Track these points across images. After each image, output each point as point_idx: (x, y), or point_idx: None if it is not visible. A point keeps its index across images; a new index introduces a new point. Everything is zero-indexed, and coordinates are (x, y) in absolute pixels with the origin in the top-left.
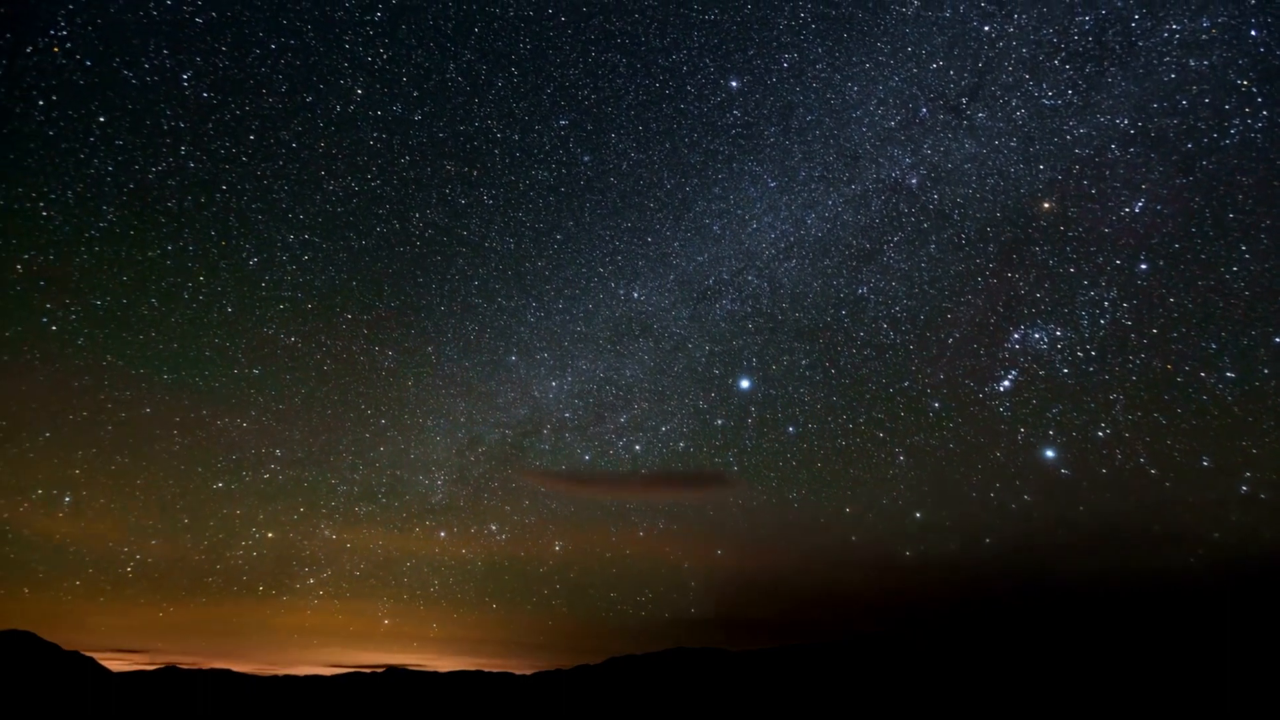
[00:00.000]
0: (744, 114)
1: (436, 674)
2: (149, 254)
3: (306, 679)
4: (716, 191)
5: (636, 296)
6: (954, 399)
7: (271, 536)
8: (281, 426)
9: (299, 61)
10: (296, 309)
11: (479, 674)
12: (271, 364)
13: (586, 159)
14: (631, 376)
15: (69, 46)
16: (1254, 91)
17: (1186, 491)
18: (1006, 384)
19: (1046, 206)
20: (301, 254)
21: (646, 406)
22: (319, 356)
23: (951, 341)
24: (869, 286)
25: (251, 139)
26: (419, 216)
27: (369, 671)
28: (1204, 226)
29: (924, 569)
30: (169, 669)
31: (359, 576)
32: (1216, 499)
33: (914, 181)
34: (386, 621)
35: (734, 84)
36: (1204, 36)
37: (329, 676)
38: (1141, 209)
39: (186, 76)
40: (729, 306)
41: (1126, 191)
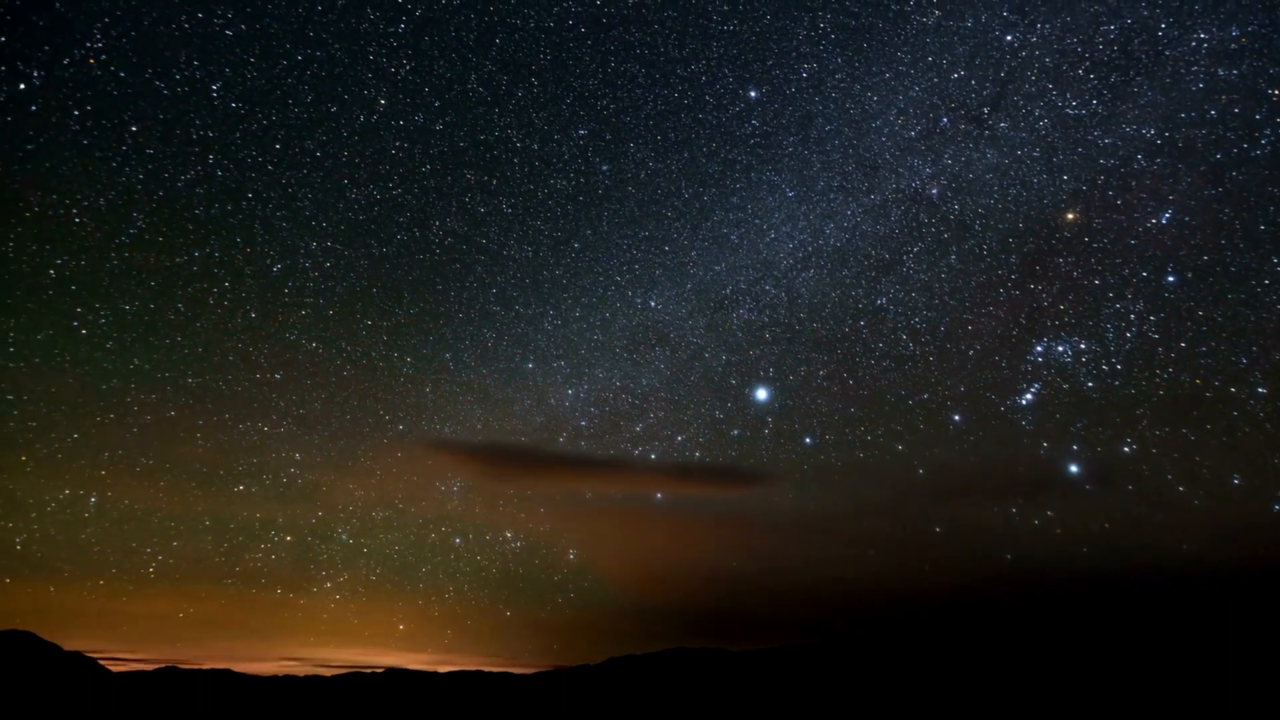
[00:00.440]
0: (762, 124)
1: (436, 674)
2: (176, 260)
3: (306, 679)
4: (734, 201)
5: (653, 305)
6: (975, 412)
7: (290, 540)
8: (301, 431)
9: (324, 73)
10: (318, 315)
11: (479, 674)
12: (293, 369)
13: (605, 168)
14: (648, 385)
15: (104, 58)
16: None
17: (1216, 510)
18: (1029, 397)
19: (1070, 217)
20: (324, 261)
21: (662, 415)
22: (339, 362)
23: (972, 354)
24: (888, 297)
25: (277, 148)
26: (439, 225)
27: (369, 671)
28: (1234, 238)
29: (943, 585)
30: (169, 669)
31: (375, 581)
32: (1248, 519)
33: (934, 192)
34: (401, 627)
35: (753, 94)
36: (1233, 46)
37: (329, 677)
38: (1169, 220)
39: (216, 87)
40: (746, 316)
41: (1153, 203)
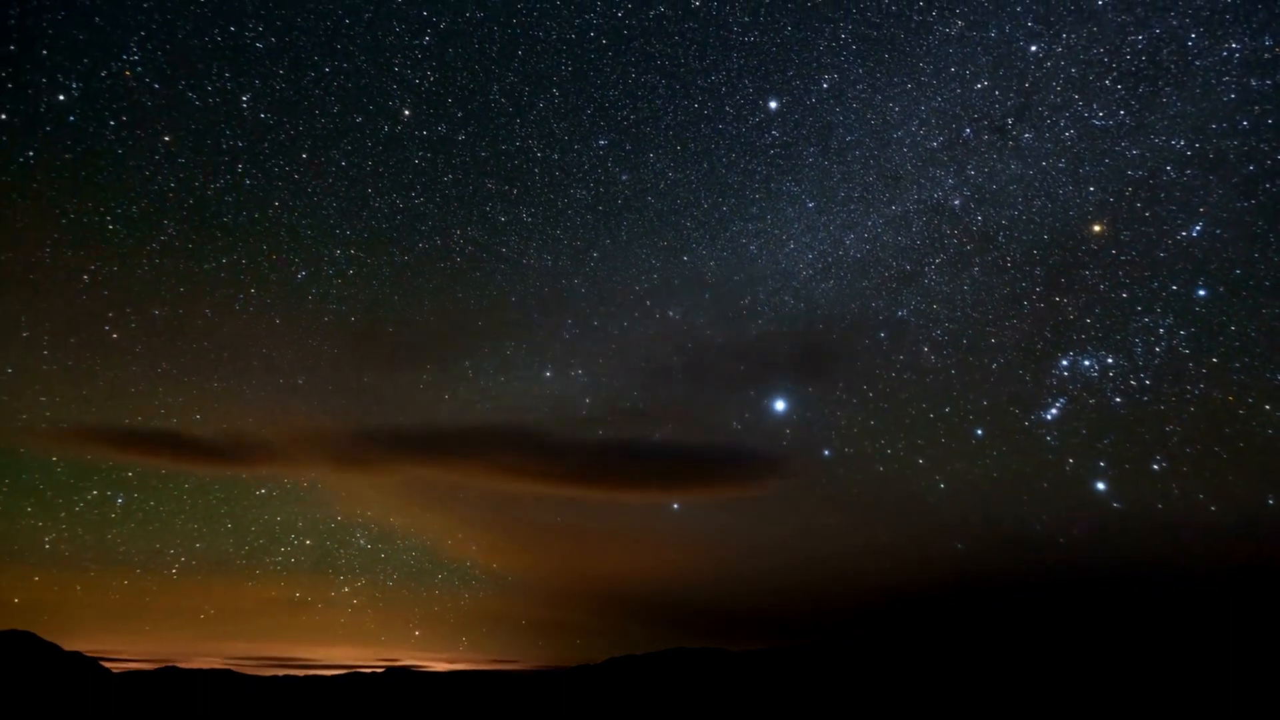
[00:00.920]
0: (782, 134)
1: (436, 674)
2: (205, 266)
3: (306, 679)
4: (754, 211)
5: (672, 315)
6: (998, 426)
7: (310, 544)
8: (322, 435)
9: (350, 84)
10: (340, 321)
11: (479, 674)
12: (315, 375)
13: (625, 178)
14: (665, 396)
15: (139, 70)
16: None
17: (1250, 531)
18: (1054, 412)
19: (1097, 229)
20: (347, 268)
21: (679, 425)
22: (359, 369)
23: (996, 367)
24: (909, 309)
25: (304, 157)
26: (459, 233)
27: (369, 671)
28: (1268, 251)
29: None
30: (169, 669)
31: (392, 586)
32: None
33: (957, 203)
34: (417, 633)
35: (773, 104)
36: (1266, 55)
37: (329, 677)
38: (1200, 233)
39: (246, 98)
40: (764, 327)
41: (1183, 215)
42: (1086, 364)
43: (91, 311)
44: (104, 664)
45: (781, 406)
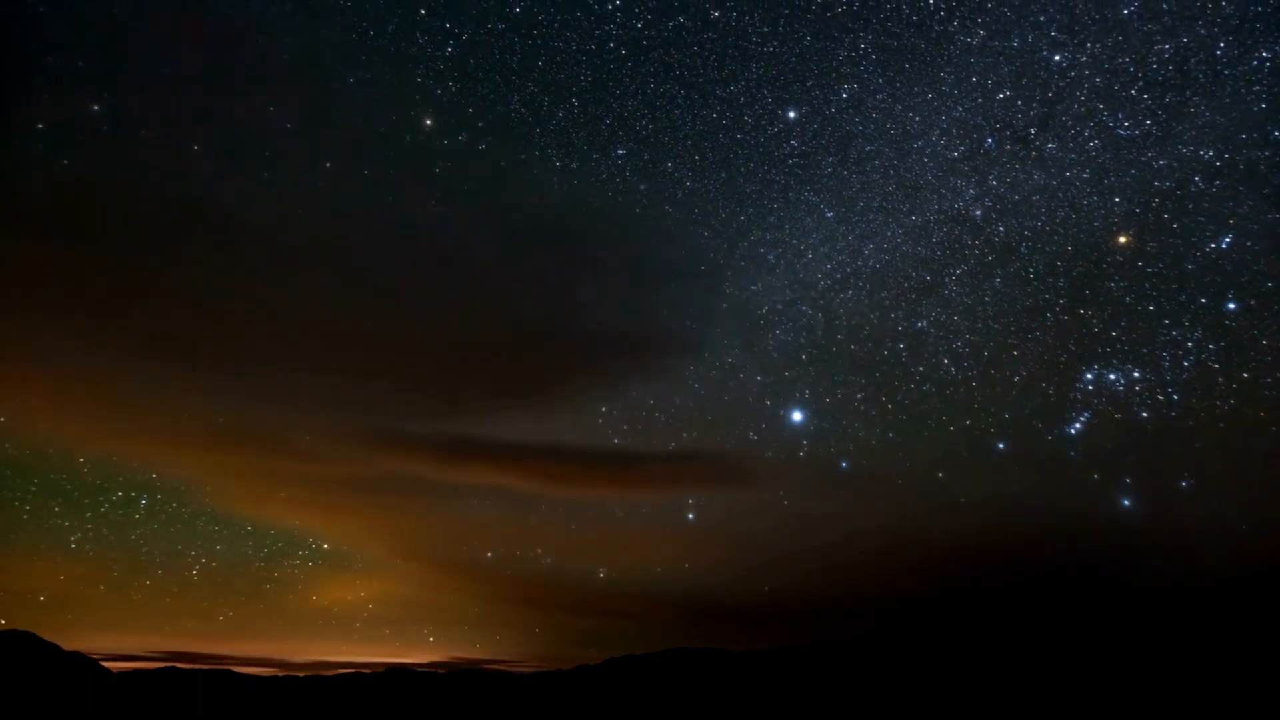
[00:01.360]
0: (801, 144)
1: (436, 674)
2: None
3: (306, 679)
4: (772, 221)
5: (688, 324)
6: (1020, 440)
7: (327, 548)
8: (342, 441)
9: (374, 95)
10: (360, 329)
11: (479, 674)
12: (337, 383)
13: (643, 187)
14: (681, 405)
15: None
16: None
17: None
18: (1078, 426)
19: (1123, 241)
20: (368, 277)
21: (696, 435)
22: (378, 377)
23: (1018, 380)
24: (929, 320)
25: (328, 166)
26: (480, 241)
27: (369, 671)
28: None
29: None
30: (169, 669)
31: (407, 592)
32: None
33: (978, 213)
34: (431, 639)
35: (792, 114)
36: None
37: (328, 676)
38: (1229, 245)
39: (272, 108)
40: (782, 337)
41: (1212, 226)
42: (1112, 378)
43: (117, 322)
44: (104, 664)
45: (799, 417)
